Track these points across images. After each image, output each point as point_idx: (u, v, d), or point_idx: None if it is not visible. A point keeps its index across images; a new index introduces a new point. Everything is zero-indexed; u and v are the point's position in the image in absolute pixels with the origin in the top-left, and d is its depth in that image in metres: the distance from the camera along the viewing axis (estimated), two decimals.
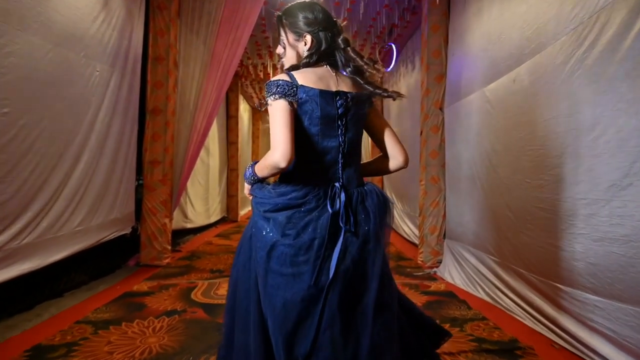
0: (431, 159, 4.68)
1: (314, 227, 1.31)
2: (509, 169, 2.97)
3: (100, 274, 3.99)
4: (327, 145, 1.38)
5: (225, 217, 8.76)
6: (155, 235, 4.51)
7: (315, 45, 1.42)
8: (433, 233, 4.68)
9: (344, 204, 1.34)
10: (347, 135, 1.40)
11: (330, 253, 1.31)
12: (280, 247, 1.31)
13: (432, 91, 4.65)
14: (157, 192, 4.53)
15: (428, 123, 4.68)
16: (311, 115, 1.34)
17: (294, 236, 1.31)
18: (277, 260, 1.31)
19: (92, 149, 3.52)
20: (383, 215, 1.43)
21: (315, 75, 1.38)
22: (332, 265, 1.30)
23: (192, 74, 4.74)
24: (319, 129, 1.36)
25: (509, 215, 2.97)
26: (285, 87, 1.31)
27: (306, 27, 1.42)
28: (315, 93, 1.34)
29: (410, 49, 6.15)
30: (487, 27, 3.47)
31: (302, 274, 1.30)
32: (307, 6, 1.45)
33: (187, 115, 4.75)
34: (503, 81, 3.08)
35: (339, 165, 1.39)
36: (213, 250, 5.51)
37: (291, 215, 1.32)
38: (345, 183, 1.39)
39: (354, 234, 1.35)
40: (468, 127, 3.79)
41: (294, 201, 1.33)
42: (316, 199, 1.34)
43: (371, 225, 1.37)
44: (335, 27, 1.46)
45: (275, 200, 1.35)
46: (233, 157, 8.96)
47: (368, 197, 1.41)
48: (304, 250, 1.30)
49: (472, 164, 3.71)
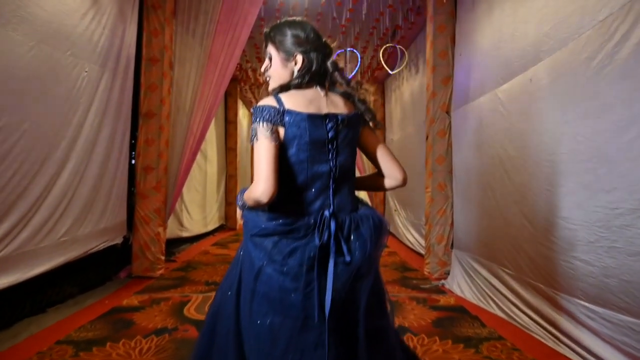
0: (438, 165, 4.46)
1: (302, 253, 1.26)
2: (525, 175, 2.76)
3: (88, 287, 3.76)
4: (318, 170, 1.32)
5: (223, 224, 8.53)
6: (148, 245, 4.28)
7: (306, 66, 1.35)
8: (440, 243, 4.45)
9: (334, 233, 1.28)
10: (339, 158, 1.35)
11: (322, 282, 1.25)
12: (268, 271, 1.26)
13: (439, 94, 4.45)
14: (150, 199, 4.31)
15: (434, 127, 4.47)
16: (299, 141, 1.29)
17: (280, 262, 1.26)
18: (265, 284, 1.26)
19: (80, 153, 3.30)
20: (378, 238, 1.37)
21: (304, 98, 1.33)
22: (327, 300, 1.23)
23: (187, 76, 4.54)
24: (308, 155, 1.30)
25: (526, 226, 2.75)
26: (271, 113, 1.26)
27: (297, 47, 1.36)
28: (303, 117, 1.28)
29: (414, 51, 5.96)
30: (498, 25, 3.27)
31: (291, 302, 1.24)
32: (298, 24, 1.39)
33: (182, 119, 4.54)
34: (518, 81, 2.88)
35: (329, 191, 1.34)
36: (209, 260, 5.28)
37: (278, 241, 1.27)
38: (336, 210, 1.33)
39: (346, 264, 1.28)
40: (478, 131, 3.58)
41: (282, 227, 1.28)
42: (305, 228, 1.28)
43: (367, 251, 1.31)
44: (327, 48, 1.40)
45: (263, 224, 1.29)
46: (232, 164, 8.75)
47: (363, 223, 1.34)
48: (291, 277, 1.25)
49: (482, 170, 3.49)
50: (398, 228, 6.97)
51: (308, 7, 4.81)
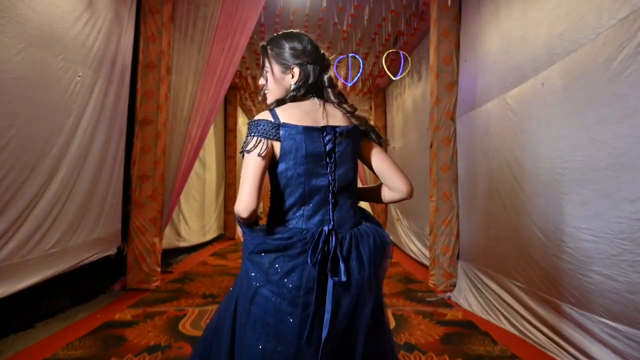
0: (442, 173, 4.33)
1: (300, 274, 1.20)
2: (537, 183, 2.62)
3: (80, 300, 3.61)
4: (315, 184, 1.28)
5: (222, 234, 8.38)
6: (144, 256, 4.14)
7: (303, 78, 1.33)
8: (445, 254, 4.30)
9: (332, 251, 1.23)
10: (338, 172, 1.30)
11: (321, 306, 1.20)
12: (264, 293, 1.21)
13: (443, 100, 4.34)
14: (146, 209, 4.17)
15: (439, 135, 4.35)
16: (296, 154, 1.25)
17: (277, 282, 1.20)
18: (260, 307, 1.20)
19: (72, 161, 3.17)
20: (379, 261, 1.31)
21: (300, 110, 1.30)
22: (325, 325, 1.18)
23: (185, 83, 4.43)
24: (305, 168, 1.26)
25: (539, 237, 2.61)
26: (266, 128, 1.23)
27: (294, 59, 1.33)
28: (299, 130, 1.25)
29: (417, 58, 5.86)
30: (506, 28, 3.16)
31: (287, 327, 1.18)
32: (294, 36, 1.36)
33: (180, 126, 4.42)
34: (528, 86, 2.76)
35: (329, 205, 1.29)
36: (207, 271, 5.13)
37: (275, 259, 1.21)
38: (336, 226, 1.27)
39: (345, 285, 1.22)
40: (485, 138, 3.46)
41: (278, 242, 1.22)
42: (302, 244, 1.22)
43: (365, 273, 1.25)
44: (324, 60, 1.37)
45: (259, 241, 1.24)
46: (231, 172, 8.62)
47: (363, 241, 1.29)
48: (289, 300, 1.19)
49: (490, 179, 3.36)
50: (400, 238, 6.82)
51: (309, 13, 4.72)
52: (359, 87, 7.92)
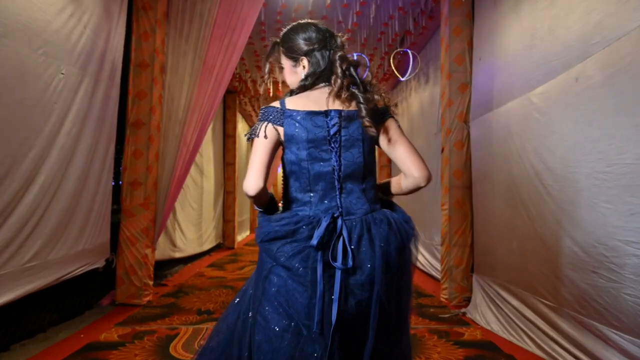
0: (455, 179, 4.05)
1: (306, 257, 1.19)
2: (571, 190, 2.34)
3: (65, 317, 3.32)
4: (319, 170, 1.27)
5: (220, 243, 8.08)
6: (134, 269, 3.84)
7: (312, 67, 1.33)
8: (459, 266, 4.01)
9: (338, 234, 1.21)
10: (345, 156, 1.27)
11: (329, 291, 1.18)
12: (276, 271, 1.23)
13: (455, 102, 4.06)
14: (137, 218, 3.88)
15: (451, 139, 4.07)
16: (298, 139, 1.26)
17: (284, 263, 1.21)
18: (273, 285, 1.22)
19: (53, 166, 2.89)
20: (397, 250, 1.23)
21: (307, 99, 1.30)
22: (334, 311, 1.15)
23: (180, 83, 4.16)
24: (307, 153, 1.26)
25: (573, 250, 2.32)
26: (271, 114, 1.28)
27: (301, 51, 1.34)
28: (301, 115, 1.26)
29: (424, 59, 5.59)
30: (530, 21, 2.89)
31: (297, 303, 1.18)
32: (300, 28, 1.37)
33: (174, 130, 4.14)
34: (559, 82, 2.48)
35: (336, 192, 1.27)
36: (204, 284, 4.82)
37: (282, 244, 1.22)
38: (344, 212, 1.25)
39: (354, 272, 1.19)
40: (505, 142, 3.18)
41: (286, 228, 1.22)
42: (309, 229, 1.21)
43: (376, 261, 1.19)
44: (334, 41, 1.34)
45: (268, 228, 1.25)
46: (230, 179, 8.34)
47: (376, 227, 1.24)
48: (297, 281, 1.19)
49: (511, 185, 3.08)
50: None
51: (312, 10, 4.46)
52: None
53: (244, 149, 10.54)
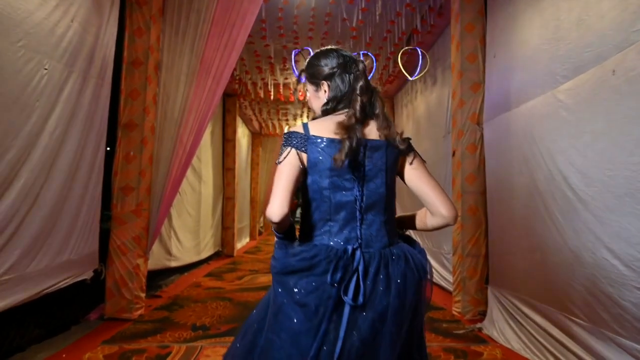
0: (468, 184, 3.80)
1: (321, 294, 1.16)
2: (609, 197, 2.08)
3: (49, 332, 3.07)
4: (341, 199, 1.24)
5: (219, 251, 7.82)
6: (125, 281, 3.58)
7: (332, 92, 1.33)
8: (472, 277, 3.75)
9: (354, 269, 1.18)
10: (367, 187, 1.26)
11: (337, 327, 1.15)
12: (285, 311, 1.19)
13: (467, 103, 3.82)
14: (128, 225, 3.63)
15: (463, 141, 3.83)
16: (321, 167, 1.23)
17: (299, 301, 1.17)
18: (280, 324, 1.19)
19: (34, 169, 2.65)
20: (413, 288, 1.21)
21: (332, 123, 1.26)
22: (338, 346, 1.13)
23: (176, 83, 3.92)
24: (330, 182, 1.24)
25: (612, 264, 2.06)
26: (294, 139, 1.25)
27: (322, 75, 1.35)
28: (325, 142, 1.23)
29: (431, 59, 5.33)
30: (553, 12, 2.66)
31: (301, 343, 1.15)
32: (322, 53, 1.37)
33: (169, 132, 3.90)
34: (591, 76, 2.24)
35: (356, 222, 1.24)
36: (200, 295, 4.56)
37: (298, 280, 1.18)
38: (363, 244, 1.23)
39: (364, 308, 1.16)
40: (526, 143, 2.93)
41: (302, 263, 1.19)
42: (326, 262, 1.18)
43: (391, 299, 1.17)
44: (354, 66, 1.33)
45: (285, 261, 1.23)
46: (229, 185, 8.09)
47: (394, 263, 1.21)
48: (307, 317, 1.15)
49: (533, 191, 2.83)
50: None
51: (315, 7, 4.24)
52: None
53: (243, 154, 10.31)
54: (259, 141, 11.91)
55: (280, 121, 10.57)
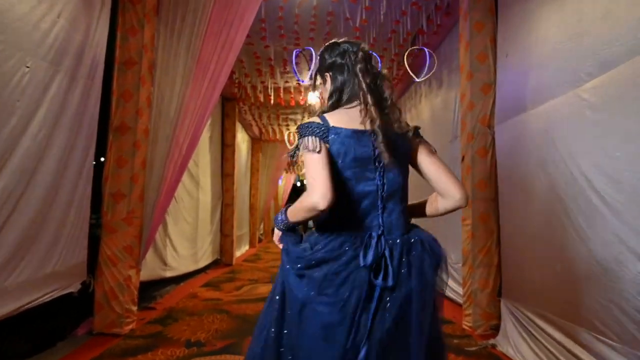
0: (479, 190, 3.59)
1: (353, 281, 1.19)
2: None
3: (34, 349, 2.85)
4: (364, 189, 1.27)
5: (218, 259, 7.60)
6: (115, 293, 3.37)
7: (333, 82, 1.35)
8: (484, 289, 3.53)
9: (381, 254, 1.21)
10: (387, 176, 1.29)
11: (368, 310, 1.18)
12: (314, 306, 1.20)
13: (478, 105, 3.63)
14: (119, 234, 3.43)
15: (473, 145, 3.63)
16: (344, 158, 1.25)
17: (332, 294, 1.19)
18: (310, 321, 1.19)
19: (14, 173, 2.45)
20: (431, 271, 1.25)
21: (347, 115, 1.29)
22: (367, 324, 1.17)
23: (171, 84, 3.74)
24: (352, 172, 1.26)
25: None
26: (316, 129, 1.25)
27: (325, 67, 1.38)
28: (347, 133, 1.26)
29: (436, 61, 5.16)
30: (575, 6, 2.47)
31: (336, 335, 1.17)
32: (326, 47, 1.41)
33: (164, 135, 3.71)
34: (620, 72, 2.05)
35: (378, 211, 1.28)
36: (197, 307, 4.34)
37: (327, 271, 1.20)
38: (385, 231, 1.26)
39: (393, 290, 1.19)
40: (545, 146, 2.74)
41: (330, 254, 1.22)
42: (353, 248, 1.21)
43: (413, 282, 1.20)
44: (354, 51, 1.33)
45: (311, 256, 1.23)
46: (228, 191, 7.89)
47: (413, 248, 1.25)
48: (338, 308, 1.17)
49: (552, 197, 2.63)
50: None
51: (317, 5, 4.07)
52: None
53: (243, 160, 10.12)
54: (259, 147, 11.73)
55: (281, 126, 10.39)
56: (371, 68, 1.33)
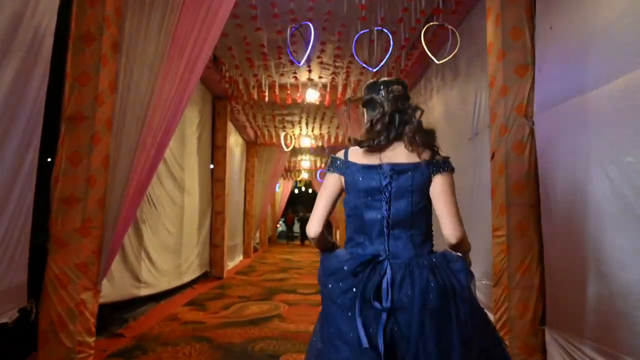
0: (515, 195, 2.94)
1: (353, 295, 1.30)
2: None
3: None
4: (371, 217, 1.40)
5: (207, 272, 6.92)
6: (64, 322, 2.69)
7: (369, 116, 1.49)
8: (523, 316, 2.86)
9: (381, 277, 1.30)
10: (394, 206, 1.39)
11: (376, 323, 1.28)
12: (330, 310, 1.35)
13: (512, 90, 2.99)
14: (71, 248, 2.75)
15: (507, 139, 2.98)
16: (355, 189, 1.42)
17: (337, 300, 1.33)
18: (328, 324, 1.35)
19: None
20: (437, 292, 1.27)
21: (367, 151, 1.43)
22: (380, 343, 1.25)
23: (140, 65, 3.08)
24: (363, 202, 1.40)
25: None
26: (337, 164, 1.47)
27: (363, 103, 1.52)
28: (358, 168, 1.42)
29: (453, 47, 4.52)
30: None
31: (347, 338, 1.29)
32: (370, 85, 1.51)
33: (130, 128, 3.05)
34: None
35: (384, 237, 1.38)
36: (173, 333, 3.65)
37: (334, 282, 1.35)
38: (390, 256, 1.35)
39: (396, 312, 1.27)
40: (610, 136, 2.08)
41: (338, 264, 1.37)
42: (360, 270, 1.32)
43: (416, 304, 1.26)
44: (386, 93, 1.44)
45: (325, 265, 1.42)
46: (219, 198, 7.23)
47: (418, 270, 1.30)
48: (345, 312, 1.30)
49: (616, 203, 1.98)
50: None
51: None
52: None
53: (237, 164, 9.48)
54: (255, 151, 11.08)
55: (277, 129, 9.76)
56: (396, 106, 1.42)
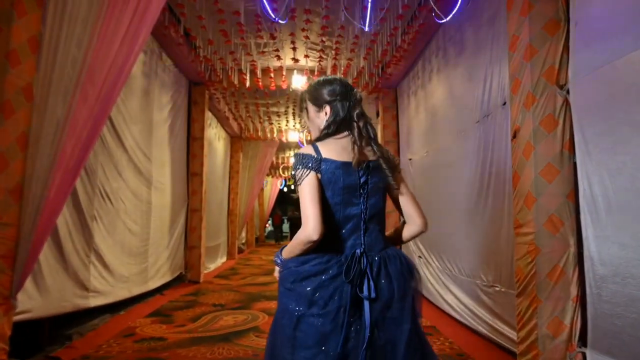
0: (545, 182, 2.34)
1: (340, 295, 1.32)
2: None
3: None
4: (350, 213, 1.42)
5: (182, 275, 6.25)
6: None
7: (332, 115, 1.49)
8: (557, 334, 2.26)
9: (364, 271, 1.35)
10: (370, 201, 1.44)
11: (356, 320, 1.32)
12: (308, 319, 1.31)
13: (541, 51, 2.39)
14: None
15: (535, 113, 2.38)
16: (334, 186, 1.40)
17: (322, 305, 1.31)
18: (305, 334, 1.30)
19: None
20: (407, 280, 1.41)
21: (339, 145, 1.45)
22: (365, 336, 1.29)
23: (70, 17, 2.42)
24: (341, 198, 1.41)
25: None
26: (310, 161, 1.40)
27: (324, 100, 1.51)
28: (337, 165, 1.40)
29: (455, 19, 3.91)
30: None
31: (330, 344, 1.28)
32: (327, 81, 1.54)
33: (57, 97, 2.39)
34: None
35: (361, 231, 1.42)
36: (123, 355, 2.99)
37: (317, 286, 1.33)
38: (366, 249, 1.41)
39: (375, 301, 1.34)
40: None
41: (317, 267, 1.35)
42: (338, 266, 1.35)
43: (394, 290, 1.36)
44: (353, 97, 1.51)
45: (299, 269, 1.36)
46: (195, 194, 6.56)
47: (391, 262, 1.41)
48: (330, 319, 1.30)
49: None
50: (429, 285, 4.76)
51: None
52: (363, 81, 6.02)
53: (220, 159, 8.83)
54: (239, 146, 10.41)
55: (263, 121, 9.11)
56: (363, 112, 1.48)
